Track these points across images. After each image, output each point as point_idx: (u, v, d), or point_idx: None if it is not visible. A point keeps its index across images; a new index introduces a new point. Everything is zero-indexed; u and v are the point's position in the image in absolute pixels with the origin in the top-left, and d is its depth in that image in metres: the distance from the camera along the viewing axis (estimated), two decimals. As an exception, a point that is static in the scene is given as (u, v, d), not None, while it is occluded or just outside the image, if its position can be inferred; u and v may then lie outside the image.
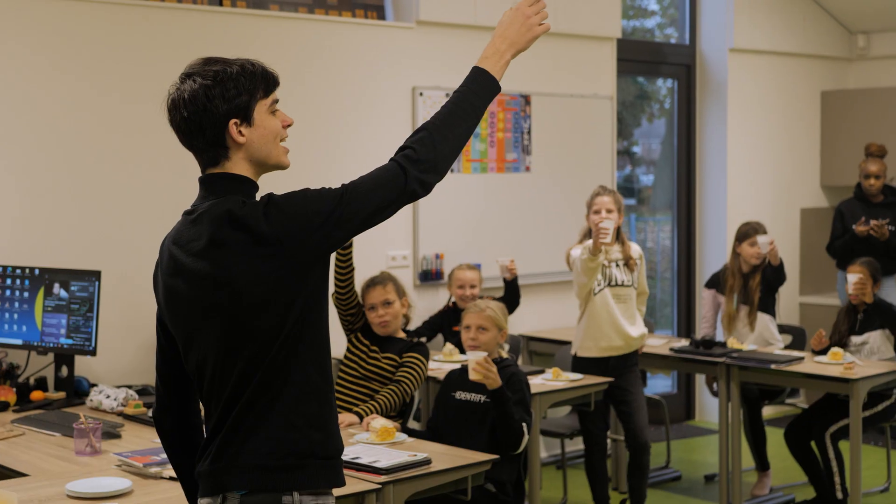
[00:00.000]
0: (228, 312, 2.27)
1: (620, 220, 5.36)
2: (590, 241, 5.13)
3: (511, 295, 6.00)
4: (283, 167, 2.41)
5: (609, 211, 5.24)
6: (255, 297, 2.25)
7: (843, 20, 8.39)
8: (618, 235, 5.40)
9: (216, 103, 2.29)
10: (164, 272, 2.39)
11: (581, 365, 5.43)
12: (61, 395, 4.66)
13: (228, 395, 2.31)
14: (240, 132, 2.32)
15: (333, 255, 3.70)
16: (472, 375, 4.24)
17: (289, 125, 2.40)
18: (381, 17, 6.26)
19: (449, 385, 4.55)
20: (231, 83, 2.30)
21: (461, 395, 4.45)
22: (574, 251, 5.40)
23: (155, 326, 2.52)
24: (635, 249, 5.47)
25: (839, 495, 5.57)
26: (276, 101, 2.39)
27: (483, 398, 4.35)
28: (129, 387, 4.78)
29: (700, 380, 7.81)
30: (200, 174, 2.39)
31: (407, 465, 3.54)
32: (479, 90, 2.42)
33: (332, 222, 2.25)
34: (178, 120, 2.33)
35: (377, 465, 3.51)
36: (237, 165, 2.35)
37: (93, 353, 4.57)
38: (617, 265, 5.37)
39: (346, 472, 2.46)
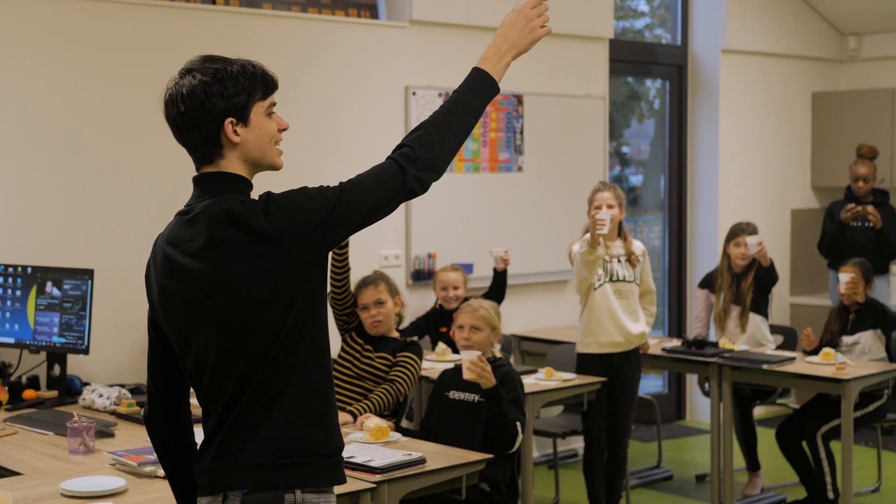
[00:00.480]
0: (227, 312, 2.26)
1: (622, 215, 5.36)
2: (588, 235, 5.14)
3: (499, 287, 6.01)
4: (276, 168, 2.41)
5: (610, 206, 5.25)
6: (255, 296, 2.24)
7: (834, 22, 8.41)
8: (619, 231, 5.41)
9: (214, 100, 2.29)
10: (159, 273, 2.37)
11: (584, 362, 5.43)
12: (53, 393, 4.65)
13: (229, 394, 2.30)
14: (235, 132, 2.32)
15: (330, 255, 3.70)
16: (466, 375, 4.24)
17: (284, 129, 2.39)
18: (375, 16, 6.26)
19: (442, 384, 4.55)
20: (230, 82, 2.30)
21: (455, 394, 4.45)
22: (575, 246, 5.41)
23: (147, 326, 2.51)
24: (638, 246, 5.47)
25: (830, 495, 5.59)
26: (274, 105, 2.38)
27: (477, 398, 4.35)
28: (122, 385, 4.76)
29: (690, 380, 7.83)
30: (194, 173, 2.38)
31: (402, 465, 3.54)
32: (477, 90, 2.42)
33: (332, 220, 2.25)
34: (174, 115, 2.33)
35: (372, 464, 3.51)
36: (231, 164, 2.35)
37: (85, 351, 4.55)
38: (619, 261, 5.38)
39: (342, 470, 2.46)
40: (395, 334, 4.79)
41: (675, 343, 6.16)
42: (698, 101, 7.95)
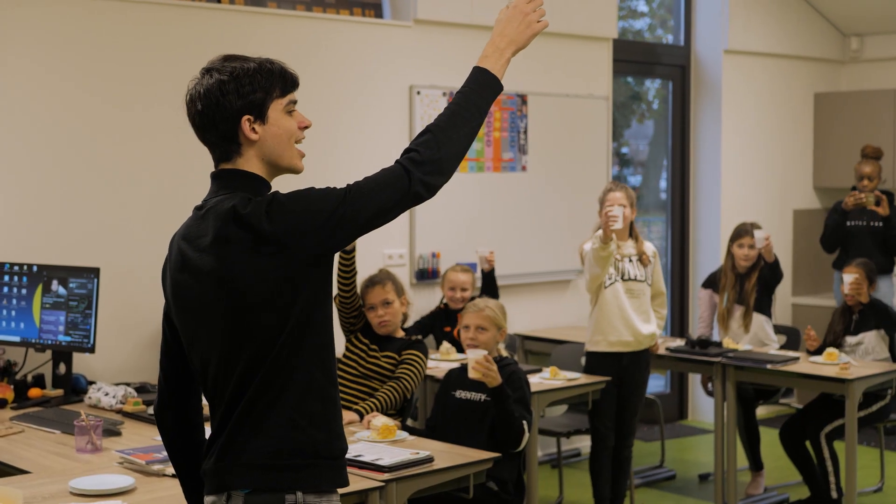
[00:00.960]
0: (231, 310, 2.27)
1: (633, 215, 5.39)
2: (601, 232, 5.16)
3: (489, 288, 6.00)
4: (296, 171, 2.40)
5: (622, 206, 5.28)
6: (257, 295, 2.24)
7: (836, 23, 8.42)
8: (631, 231, 5.43)
9: (230, 98, 2.30)
10: (173, 267, 2.39)
11: (593, 360, 5.43)
12: (59, 392, 4.64)
13: (231, 393, 2.30)
14: (252, 129, 2.32)
15: (336, 257, 3.71)
16: (472, 374, 4.25)
17: (306, 127, 2.40)
18: (379, 15, 6.26)
19: (449, 384, 4.55)
20: (246, 79, 2.31)
21: (461, 393, 4.46)
22: (586, 245, 5.43)
23: (153, 323, 2.53)
24: (649, 247, 5.50)
25: (834, 495, 5.59)
26: (294, 102, 2.39)
27: (483, 397, 4.35)
28: (127, 384, 4.76)
29: (693, 379, 7.84)
30: (200, 171, 2.38)
31: (410, 463, 3.54)
32: (480, 90, 2.41)
33: (334, 222, 2.24)
34: (192, 113, 2.34)
35: (380, 462, 3.51)
36: (249, 163, 2.35)
37: (91, 350, 4.55)
38: (630, 260, 5.40)
39: (348, 469, 2.45)
40: (401, 333, 4.79)
41: (679, 343, 6.16)
42: (701, 101, 7.95)
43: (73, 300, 4.59)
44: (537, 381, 5.11)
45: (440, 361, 5.44)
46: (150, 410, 4.25)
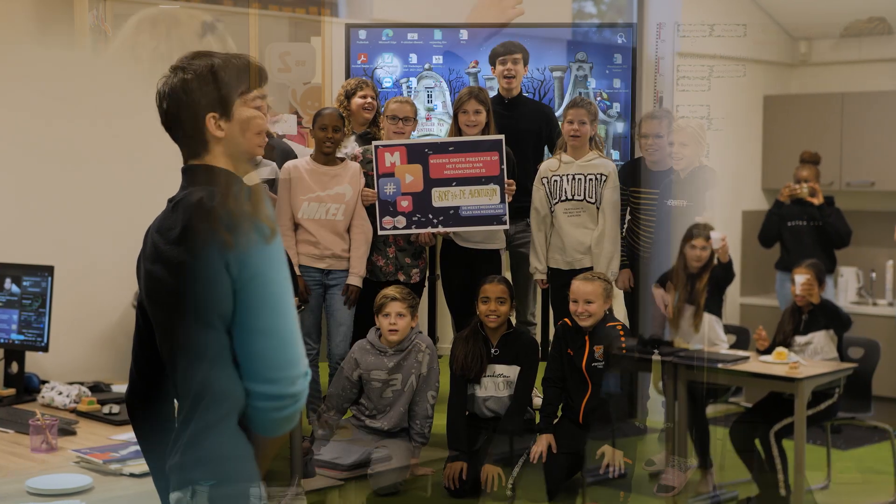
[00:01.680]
0: (198, 301, 2.26)
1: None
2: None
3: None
4: (253, 157, 2.42)
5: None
6: (223, 287, 2.24)
7: (786, 26, 8.54)
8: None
9: (194, 97, 2.31)
10: (147, 258, 2.39)
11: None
12: (11, 391, 4.59)
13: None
14: (218, 126, 2.33)
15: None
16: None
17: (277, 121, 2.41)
18: (335, 14, 6.25)
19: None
20: (211, 77, 2.31)
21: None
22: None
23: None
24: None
25: (782, 492, 5.67)
26: (263, 97, 2.40)
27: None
28: (81, 383, 4.72)
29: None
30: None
31: (369, 462, 3.55)
32: None
33: None
34: (160, 112, 2.35)
35: (339, 461, 3.52)
36: (217, 159, 2.36)
37: (45, 349, 4.51)
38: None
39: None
40: None
41: (631, 342, 6.20)
42: (652, 102, 8.01)
43: (27, 298, 4.54)
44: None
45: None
46: (105, 410, 4.23)
